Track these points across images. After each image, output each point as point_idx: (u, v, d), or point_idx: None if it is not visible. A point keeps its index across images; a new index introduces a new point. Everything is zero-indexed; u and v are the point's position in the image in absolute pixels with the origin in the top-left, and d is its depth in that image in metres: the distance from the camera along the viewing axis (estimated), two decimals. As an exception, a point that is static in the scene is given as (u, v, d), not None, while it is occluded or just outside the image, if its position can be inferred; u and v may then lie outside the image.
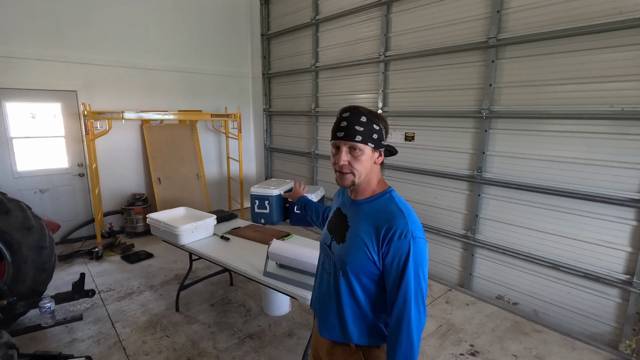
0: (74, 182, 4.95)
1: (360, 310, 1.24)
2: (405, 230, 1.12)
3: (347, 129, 1.17)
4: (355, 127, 1.16)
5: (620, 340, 2.82)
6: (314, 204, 1.89)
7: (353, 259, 1.20)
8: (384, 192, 1.25)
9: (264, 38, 6.23)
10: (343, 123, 1.18)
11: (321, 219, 1.80)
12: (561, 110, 2.96)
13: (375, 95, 4.51)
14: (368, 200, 1.25)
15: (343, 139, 1.18)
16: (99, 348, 2.76)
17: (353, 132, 1.16)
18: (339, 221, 1.31)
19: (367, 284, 1.21)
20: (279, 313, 3.22)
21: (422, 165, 4.02)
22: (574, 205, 2.98)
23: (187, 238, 2.96)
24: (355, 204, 1.28)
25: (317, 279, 1.43)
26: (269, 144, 6.57)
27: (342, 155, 1.18)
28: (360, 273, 1.20)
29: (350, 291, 1.23)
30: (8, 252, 2.81)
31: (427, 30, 3.85)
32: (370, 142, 1.18)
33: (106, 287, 3.72)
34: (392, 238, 1.13)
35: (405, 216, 1.15)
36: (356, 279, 1.21)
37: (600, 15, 2.71)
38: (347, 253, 1.22)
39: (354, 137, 1.16)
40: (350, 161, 1.19)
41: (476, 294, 3.66)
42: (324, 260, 1.36)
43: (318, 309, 1.38)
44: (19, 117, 4.51)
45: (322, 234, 1.41)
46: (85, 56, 4.79)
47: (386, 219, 1.16)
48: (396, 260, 1.12)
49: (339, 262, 1.25)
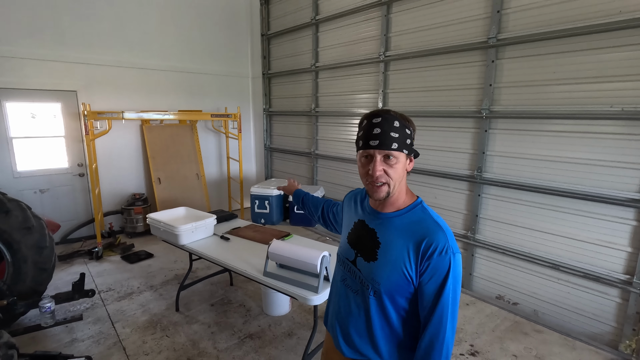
0: (74, 182, 4.95)
1: (391, 329, 1.18)
2: (446, 246, 1.06)
3: (382, 136, 1.07)
4: (390, 134, 1.07)
5: (620, 340, 2.82)
6: (312, 197, 1.84)
7: (387, 280, 1.13)
8: (415, 204, 1.17)
9: (264, 38, 6.23)
10: (376, 130, 1.07)
11: (320, 213, 1.73)
12: (561, 110, 2.96)
13: (375, 95, 4.51)
14: (400, 213, 1.16)
15: (378, 148, 1.07)
16: (99, 348, 2.76)
17: (389, 140, 1.06)
18: (366, 236, 1.21)
19: (400, 303, 1.14)
20: (279, 313, 3.22)
21: (422, 165, 4.01)
22: (574, 205, 2.98)
23: (187, 238, 2.96)
24: (384, 217, 1.19)
25: (334, 295, 1.34)
26: (269, 144, 6.57)
27: (377, 164, 1.09)
28: (394, 293, 1.13)
29: (382, 311, 1.16)
30: (8, 252, 2.81)
31: (427, 30, 3.85)
32: (405, 149, 1.10)
33: (106, 287, 3.72)
34: (433, 254, 1.06)
35: (444, 230, 1.09)
36: (389, 299, 1.14)
37: (600, 15, 2.71)
38: (381, 273, 1.14)
39: (390, 145, 1.07)
40: (386, 170, 1.10)
41: (476, 294, 3.66)
42: (346, 277, 1.27)
43: (338, 327, 1.29)
44: (19, 117, 4.51)
45: (342, 247, 1.32)
46: (85, 56, 4.79)
47: (424, 233, 1.09)
48: (435, 278, 1.06)
49: (369, 281, 1.17)
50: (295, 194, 1.93)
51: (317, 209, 1.76)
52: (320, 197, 1.83)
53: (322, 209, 1.73)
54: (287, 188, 2.02)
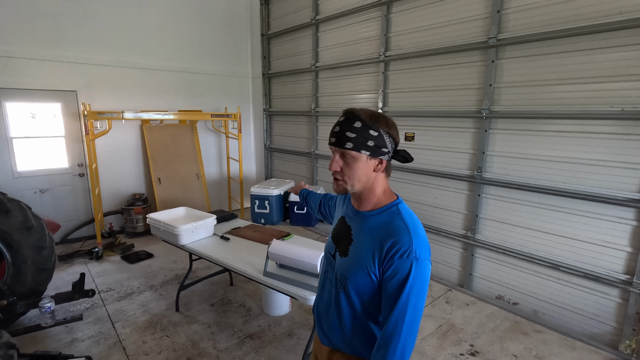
0: (74, 182, 4.95)
1: (359, 323, 1.21)
2: (409, 249, 1.05)
3: (339, 134, 1.12)
4: (346, 134, 1.11)
5: (620, 340, 2.82)
6: (313, 194, 1.89)
7: (354, 276, 1.15)
8: (390, 205, 1.18)
9: (264, 38, 6.23)
10: (336, 128, 1.14)
11: (319, 206, 1.79)
12: (561, 110, 2.96)
13: (375, 95, 4.51)
14: (373, 213, 1.18)
15: (334, 145, 1.14)
16: (99, 348, 2.76)
17: (344, 139, 1.11)
18: (343, 232, 1.26)
19: (367, 299, 1.17)
20: (279, 313, 3.22)
21: (422, 165, 4.01)
22: (574, 205, 2.98)
23: (187, 238, 2.96)
24: (359, 215, 1.22)
25: (320, 285, 1.39)
26: (269, 144, 6.57)
27: (333, 160, 1.15)
28: (360, 289, 1.16)
29: (350, 305, 1.20)
30: (8, 252, 2.81)
31: (427, 30, 3.85)
32: (365, 150, 1.11)
33: (106, 287, 3.72)
34: (394, 255, 1.06)
35: (410, 233, 1.08)
36: (356, 294, 1.17)
37: (600, 15, 2.71)
38: (349, 269, 1.17)
39: (344, 144, 1.11)
40: (343, 168, 1.14)
41: (476, 294, 3.66)
42: (327, 269, 1.32)
43: (318, 317, 1.35)
44: (19, 117, 4.51)
45: (327, 242, 1.37)
46: (85, 56, 4.79)
47: (390, 234, 1.10)
48: (395, 279, 1.06)
49: (340, 276, 1.21)
50: (300, 193, 2.00)
51: (316, 204, 1.82)
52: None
53: (320, 202, 1.79)
54: (295, 189, 2.08)
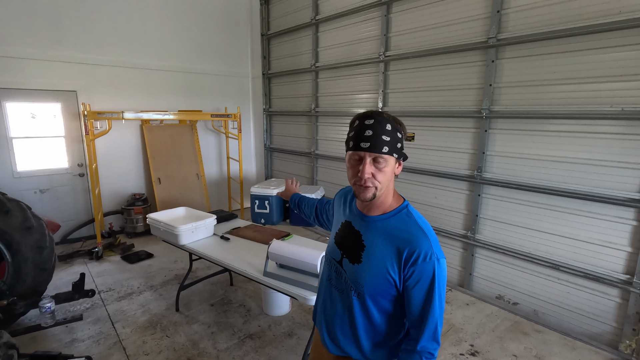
0: (74, 182, 4.95)
1: (374, 329, 1.20)
2: (429, 253, 1.07)
3: (373, 138, 1.05)
4: (382, 137, 1.05)
5: (620, 340, 2.82)
6: (306, 199, 1.82)
7: (371, 283, 1.14)
8: (400, 207, 1.17)
9: (264, 38, 6.23)
10: (368, 132, 1.06)
11: (315, 213, 1.73)
12: (561, 110, 2.96)
13: (375, 95, 4.51)
14: (384, 217, 1.16)
15: (369, 150, 1.06)
16: (99, 348, 2.76)
17: (380, 143, 1.05)
18: (352, 238, 1.22)
19: (383, 305, 1.16)
20: (279, 313, 3.22)
21: (422, 165, 4.01)
22: (574, 205, 2.98)
23: (187, 238, 2.96)
24: (369, 220, 1.19)
25: (321, 292, 1.35)
26: (269, 144, 6.57)
27: (367, 167, 1.07)
28: (377, 295, 1.15)
29: (365, 312, 1.18)
30: (8, 252, 2.80)
31: (427, 30, 3.85)
32: (395, 153, 1.09)
33: (106, 287, 3.71)
34: (416, 261, 1.07)
35: (428, 237, 1.10)
36: (372, 300, 1.16)
37: (600, 15, 2.71)
38: (365, 276, 1.15)
39: (381, 149, 1.05)
40: (374, 173, 1.09)
41: (476, 294, 3.66)
42: (332, 276, 1.28)
43: (324, 324, 1.32)
44: (19, 117, 4.51)
45: (329, 246, 1.33)
46: (85, 56, 4.79)
47: (408, 240, 1.10)
48: (420, 284, 1.08)
49: (353, 283, 1.18)
50: (291, 199, 1.90)
51: (311, 211, 1.76)
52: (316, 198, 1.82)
53: (316, 210, 1.73)
54: (285, 193, 1.99)
